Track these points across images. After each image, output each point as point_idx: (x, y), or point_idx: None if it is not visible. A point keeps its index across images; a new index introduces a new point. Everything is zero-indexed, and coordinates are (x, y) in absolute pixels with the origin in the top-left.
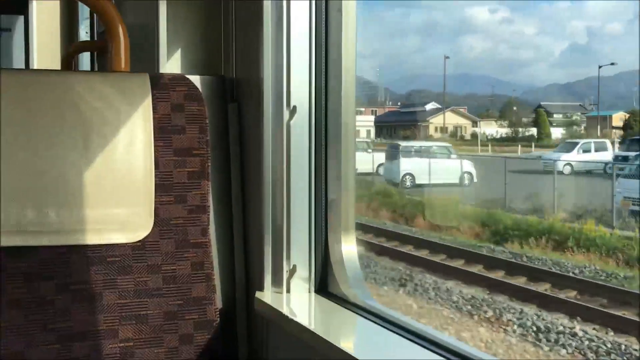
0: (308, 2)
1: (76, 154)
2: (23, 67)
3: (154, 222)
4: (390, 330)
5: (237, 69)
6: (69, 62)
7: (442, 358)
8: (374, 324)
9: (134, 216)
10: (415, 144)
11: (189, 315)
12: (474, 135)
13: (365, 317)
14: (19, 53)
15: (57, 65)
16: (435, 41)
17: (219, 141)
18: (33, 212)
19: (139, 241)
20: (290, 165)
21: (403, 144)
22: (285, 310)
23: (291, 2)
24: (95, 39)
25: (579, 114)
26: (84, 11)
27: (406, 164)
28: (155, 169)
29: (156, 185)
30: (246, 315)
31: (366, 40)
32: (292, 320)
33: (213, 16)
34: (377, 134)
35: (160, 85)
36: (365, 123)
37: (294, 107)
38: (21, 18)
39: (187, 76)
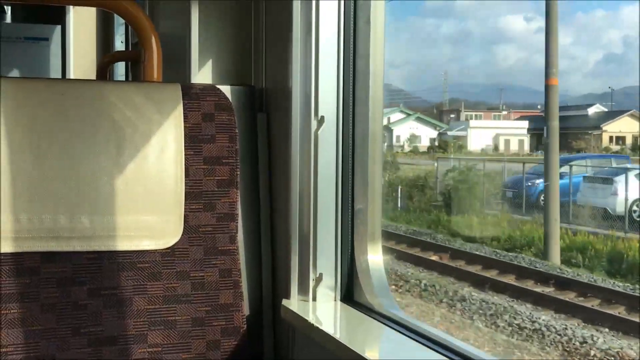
0: (337, 13)
1: (109, 162)
2: (60, 75)
3: (184, 229)
4: (416, 340)
5: (267, 79)
6: (104, 71)
7: None
8: (399, 334)
9: (164, 223)
10: None
11: (216, 322)
12: None
13: (391, 327)
14: (56, 61)
15: (93, 74)
16: (467, 50)
17: (248, 150)
18: (66, 218)
19: (169, 248)
20: (318, 174)
21: None
22: (311, 319)
23: (320, 13)
24: (130, 48)
25: None
26: (119, 21)
27: None
28: (185, 177)
29: (186, 193)
30: (272, 322)
31: (397, 50)
32: (317, 328)
33: (244, 28)
34: (534, 147)
35: (191, 95)
36: (510, 130)
37: (322, 117)
38: (58, 27)
39: (218, 86)
